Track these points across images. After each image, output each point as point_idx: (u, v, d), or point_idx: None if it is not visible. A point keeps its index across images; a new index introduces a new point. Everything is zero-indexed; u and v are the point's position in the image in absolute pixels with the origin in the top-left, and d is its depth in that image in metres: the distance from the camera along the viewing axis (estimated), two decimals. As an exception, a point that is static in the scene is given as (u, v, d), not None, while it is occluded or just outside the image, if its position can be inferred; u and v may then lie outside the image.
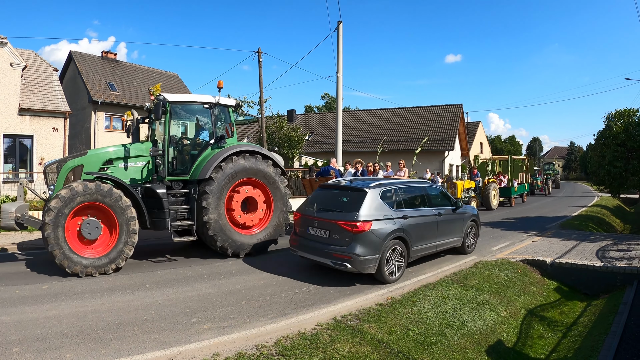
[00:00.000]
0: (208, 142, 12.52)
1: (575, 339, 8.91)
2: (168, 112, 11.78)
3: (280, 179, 12.91)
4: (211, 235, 11.66)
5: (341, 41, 26.89)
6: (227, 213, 12.03)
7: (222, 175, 11.79)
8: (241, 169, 12.11)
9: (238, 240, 12.10)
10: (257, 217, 12.60)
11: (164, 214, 11.20)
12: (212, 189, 11.61)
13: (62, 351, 6.02)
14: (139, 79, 42.95)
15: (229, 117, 12.96)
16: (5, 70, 24.51)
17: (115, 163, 11.52)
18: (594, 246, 14.94)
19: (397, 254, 10.21)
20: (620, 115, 24.08)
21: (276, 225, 12.91)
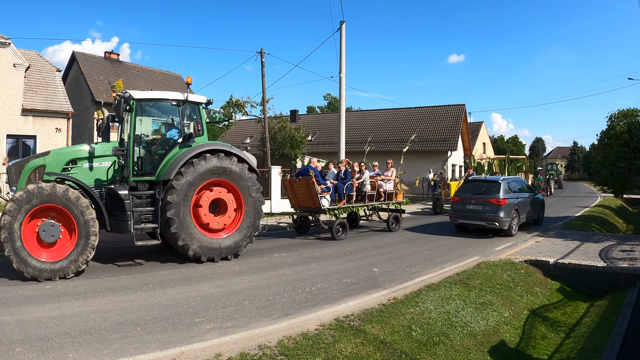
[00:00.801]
0: (176, 141, 12.00)
1: (578, 339, 8.90)
2: (134, 110, 11.33)
3: (252, 181, 12.26)
4: (173, 233, 11.05)
5: (344, 41, 26.88)
6: (194, 214, 11.45)
7: (188, 175, 11.21)
8: (209, 169, 11.51)
9: (203, 243, 11.48)
10: (226, 221, 11.95)
11: (126, 217, 10.72)
12: (176, 190, 11.04)
13: (65, 351, 6.02)
14: (141, 80, 42.98)
15: (199, 115, 12.40)
16: (8, 70, 24.56)
17: (79, 163, 11.06)
18: (597, 246, 14.92)
19: (516, 219, 17.59)
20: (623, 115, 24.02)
21: (247, 230, 12.20)
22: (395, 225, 18.44)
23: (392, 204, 18.69)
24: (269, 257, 12.70)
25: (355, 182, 16.94)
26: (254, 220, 12.29)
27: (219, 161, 11.66)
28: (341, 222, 16.25)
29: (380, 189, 18.10)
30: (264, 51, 27.99)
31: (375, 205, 18.13)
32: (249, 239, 12.31)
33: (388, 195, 18.26)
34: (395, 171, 19.07)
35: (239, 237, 12.11)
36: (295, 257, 12.77)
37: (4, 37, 24.66)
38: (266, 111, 29.46)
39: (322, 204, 15.69)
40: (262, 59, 28.13)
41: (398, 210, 19.17)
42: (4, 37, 24.66)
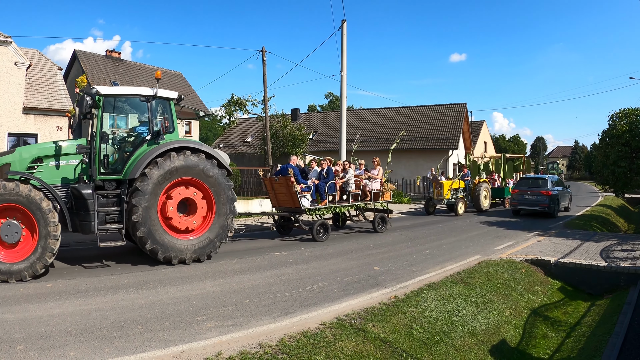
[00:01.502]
0: (144, 138, 11.48)
1: (578, 338, 8.90)
2: (100, 106, 10.90)
3: (224, 180, 11.82)
4: (140, 237, 10.65)
5: (345, 40, 26.87)
6: (161, 215, 11.03)
7: (154, 174, 10.74)
8: (177, 168, 11.05)
9: (171, 245, 11.00)
10: (196, 221, 11.53)
11: (90, 217, 10.31)
12: (142, 189, 10.60)
13: (66, 349, 6.03)
14: (143, 78, 43.03)
15: (169, 111, 11.93)
16: (9, 69, 24.55)
17: (45, 161, 10.61)
18: (598, 246, 14.92)
19: (556, 205, 24.19)
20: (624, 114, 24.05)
21: (218, 231, 11.75)
22: (382, 226, 17.79)
23: (378, 204, 18.12)
24: (270, 255, 12.71)
25: (338, 181, 16.39)
26: (226, 221, 11.86)
27: (187, 159, 11.23)
28: (322, 222, 15.59)
29: (366, 188, 17.57)
30: (265, 50, 27.98)
31: (360, 205, 17.53)
32: (222, 239, 11.91)
33: (374, 194, 17.71)
34: (382, 170, 18.42)
35: (210, 238, 11.65)
36: (296, 255, 12.78)
37: (5, 36, 24.66)
38: (267, 110, 29.45)
39: (302, 204, 15.19)
40: (264, 58, 28.12)
41: (385, 211, 18.43)
42: (5, 36, 24.66)
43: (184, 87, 46.34)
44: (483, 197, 27.20)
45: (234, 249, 13.62)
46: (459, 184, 26.82)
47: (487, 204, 27.72)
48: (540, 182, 24.93)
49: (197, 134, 45.55)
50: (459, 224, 20.71)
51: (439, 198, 25.90)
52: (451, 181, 26.50)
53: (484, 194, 27.31)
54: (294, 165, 15.62)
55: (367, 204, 17.75)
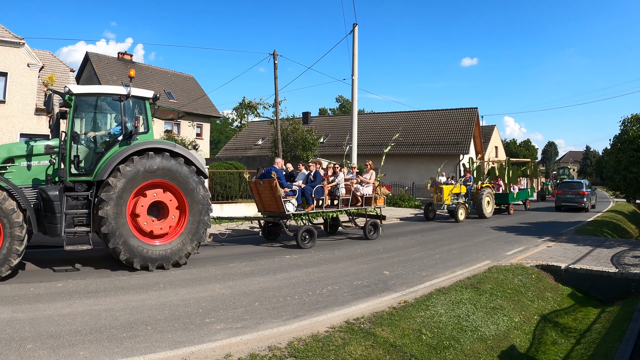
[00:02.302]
0: (116, 138, 11.08)
1: (588, 345, 8.84)
2: (72, 105, 10.62)
3: (198, 182, 11.33)
4: (106, 239, 10.28)
5: (356, 44, 26.92)
6: (131, 219, 10.64)
7: (123, 176, 10.33)
8: (147, 170, 10.60)
9: (141, 250, 10.54)
10: (167, 226, 11.05)
11: (56, 219, 9.93)
12: (110, 191, 10.18)
13: (75, 349, 6.05)
14: (155, 81, 43.29)
15: (144, 111, 11.52)
16: (22, 70, 24.76)
17: (17, 161, 10.29)
18: (609, 252, 14.83)
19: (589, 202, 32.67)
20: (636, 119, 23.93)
21: (191, 236, 11.24)
22: (373, 233, 16.91)
23: (370, 210, 17.25)
24: (279, 258, 12.71)
25: (326, 185, 15.62)
26: (199, 225, 11.37)
27: (158, 161, 10.77)
28: (308, 228, 14.73)
29: (357, 193, 16.62)
30: (276, 53, 28.05)
31: (351, 211, 16.85)
32: (195, 245, 11.40)
33: (366, 199, 16.77)
34: (375, 173, 17.68)
35: (182, 244, 11.15)
36: (306, 258, 12.78)
37: (18, 37, 24.86)
38: (278, 113, 29.54)
39: (286, 209, 14.43)
40: (275, 61, 28.19)
41: (378, 216, 17.55)
42: (18, 37, 24.86)
43: (196, 89, 46.58)
44: (486, 202, 26.17)
45: (243, 252, 13.66)
46: (460, 189, 25.79)
47: (489, 210, 26.60)
48: (577, 185, 33.26)
49: (208, 137, 45.70)
50: (469, 229, 20.64)
51: (438, 203, 24.89)
52: (452, 186, 25.45)
53: (486, 200, 26.30)
54: (278, 168, 14.88)
55: (358, 210, 16.98)
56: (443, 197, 24.49)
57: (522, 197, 32.38)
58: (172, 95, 42.60)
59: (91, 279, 9.76)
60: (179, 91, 44.11)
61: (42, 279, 9.56)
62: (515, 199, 30.90)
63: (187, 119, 42.61)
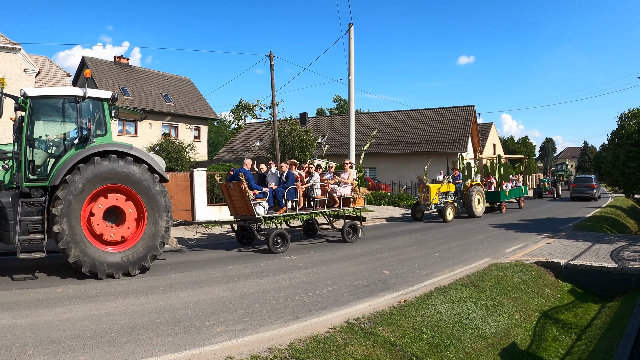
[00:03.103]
0: (72, 141, 10.68)
1: (589, 341, 8.86)
2: (27, 108, 10.25)
3: (157, 187, 10.83)
4: (62, 249, 9.80)
5: (352, 44, 26.91)
6: (86, 225, 10.18)
7: (77, 180, 9.89)
8: (102, 173, 10.16)
9: (96, 258, 10.05)
10: (124, 232, 10.57)
11: (9, 226, 9.58)
12: (63, 197, 9.75)
13: (76, 354, 6.05)
14: (151, 84, 43.27)
15: (102, 112, 11.11)
16: (18, 76, 24.74)
17: None
18: (609, 247, 14.85)
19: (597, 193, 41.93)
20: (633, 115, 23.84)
21: (150, 241, 10.71)
22: (352, 236, 16.09)
23: (348, 211, 16.40)
24: (279, 259, 12.71)
25: (299, 186, 14.85)
26: (159, 231, 10.82)
27: (112, 164, 10.30)
28: (280, 232, 13.97)
29: (334, 194, 15.72)
30: (273, 54, 28.02)
31: (327, 213, 15.99)
32: (155, 251, 10.81)
33: (344, 200, 15.87)
34: (354, 173, 16.73)
35: (142, 250, 10.62)
36: (305, 259, 12.78)
37: (14, 43, 24.85)
38: (276, 114, 29.48)
39: (256, 212, 13.75)
40: (271, 62, 28.15)
41: (357, 218, 16.91)
42: (14, 43, 24.85)
43: (193, 92, 46.56)
44: (476, 201, 25.19)
45: (244, 255, 13.65)
46: (448, 187, 24.55)
47: (480, 209, 25.58)
48: (588, 179, 42.86)
49: (205, 139, 45.69)
50: (467, 227, 20.64)
51: (426, 203, 23.60)
52: (439, 185, 24.19)
53: (476, 198, 25.29)
54: (246, 170, 14.17)
55: (335, 211, 16.13)
56: (430, 196, 23.35)
57: (515, 195, 31.23)
58: (169, 98, 42.58)
59: (91, 284, 9.75)
60: (176, 94, 44.09)
61: (41, 285, 9.55)
62: (508, 196, 29.72)
63: (185, 121, 42.63)
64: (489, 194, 27.67)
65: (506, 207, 29.83)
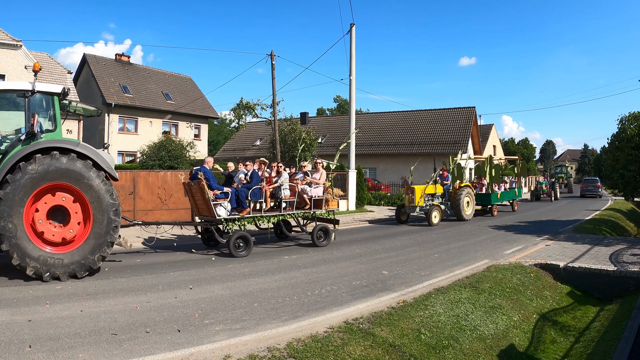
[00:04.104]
0: (19, 137, 10.21)
1: (587, 343, 8.85)
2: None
3: (103, 185, 10.28)
4: (5, 250, 9.45)
5: (354, 44, 26.95)
6: (29, 225, 9.77)
7: (20, 178, 9.53)
8: (46, 171, 9.73)
9: (40, 259, 9.63)
10: (65, 233, 10.04)
11: None
12: (4, 196, 9.40)
13: (74, 351, 6.05)
14: (152, 82, 43.28)
15: (52, 107, 10.64)
16: (19, 72, 24.76)
17: None
18: (608, 250, 14.83)
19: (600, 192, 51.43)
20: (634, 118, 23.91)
21: (96, 242, 10.17)
22: (323, 240, 15.15)
23: (320, 213, 15.66)
24: (278, 259, 12.72)
25: (265, 186, 14.18)
26: (106, 231, 10.27)
27: (54, 161, 9.84)
28: (241, 235, 13.17)
29: (304, 195, 14.97)
30: (274, 54, 28.10)
31: (296, 215, 15.00)
32: (102, 252, 10.25)
33: (315, 202, 15.15)
34: (326, 173, 15.81)
35: (88, 251, 10.09)
36: (304, 259, 12.78)
37: (15, 40, 24.86)
38: (276, 113, 29.54)
39: (217, 213, 13.00)
40: (272, 62, 28.22)
41: (329, 220, 16.12)
42: (15, 40, 24.86)
43: (194, 90, 46.55)
44: (465, 203, 23.92)
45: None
46: (434, 188, 23.54)
47: (469, 212, 24.32)
48: (594, 181, 52.05)
49: (206, 138, 45.69)
50: (467, 228, 20.63)
51: (410, 205, 22.56)
52: (424, 186, 23.14)
53: (465, 201, 24.00)
54: (207, 169, 13.48)
55: (305, 213, 15.27)
56: (415, 198, 22.25)
57: (507, 198, 29.85)
58: (169, 97, 42.58)
59: (90, 281, 9.75)
60: (177, 92, 44.08)
61: (40, 282, 9.54)
62: (500, 199, 28.43)
63: (185, 119, 42.63)
64: (479, 196, 26.89)
65: (498, 210, 28.72)
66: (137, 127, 39.08)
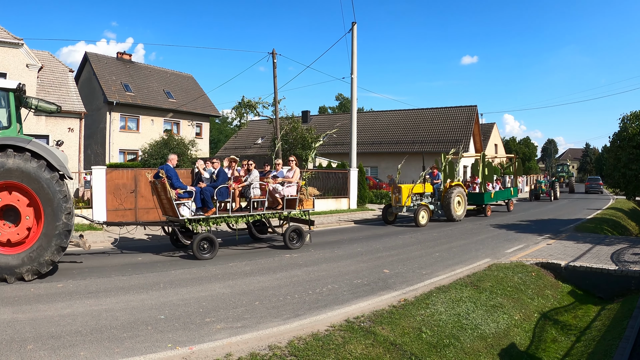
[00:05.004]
0: None
1: (588, 343, 8.85)
2: None
3: (54, 184, 9.77)
4: None
5: (355, 42, 26.95)
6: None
7: None
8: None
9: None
10: (20, 233, 9.65)
11: None
12: None
13: (76, 349, 6.06)
14: (153, 80, 43.27)
15: (7, 103, 10.33)
16: (21, 71, 24.75)
17: None
18: (609, 249, 14.82)
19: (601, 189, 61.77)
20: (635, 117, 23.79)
21: (46, 244, 9.65)
22: (296, 242, 14.32)
23: (293, 213, 14.75)
24: (279, 257, 12.72)
25: (232, 185, 13.42)
26: (57, 235, 9.74)
27: (7, 159, 9.45)
28: (205, 237, 12.49)
29: (276, 194, 14.18)
30: (275, 52, 28.05)
31: (268, 215, 14.13)
32: (51, 255, 9.71)
33: (288, 202, 14.31)
34: (300, 171, 14.99)
35: (37, 253, 9.60)
36: (306, 257, 12.79)
37: (17, 38, 24.85)
38: (278, 112, 29.51)
39: (180, 213, 12.38)
40: (274, 60, 28.18)
41: (304, 221, 15.40)
42: (17, 38, 24.85)
43: (195, 89, 46.53)
44: (456, 203, 22.92)
45: (245, 252, 13.63)
46: (423, 188, 22.53)
47: (460, 212, 23.26)
48: (597, 179, 62.08)
49: (207, 136, 45.68)
50: (468, 227, 20.62)
51: (397, 205, 21.48)
52: (412, 185, 22.20)
53: (456, 200, 23.00)
54: (170, 167, 12.81)
55: (276, 214, 14.46)
56: (402, 197, 21.22)
57: (502, 197, 28.82)
58: (171, 95, 42.56)
59: (91, 279, 9.77)
60: (178, 91, 44.06)
61: (42, 280, 9.57)
62: (494, 199, 27.45)
63: (187, 118, 42.62)
64: (471, 195, 26.14)
65: (492, 210, 28.02)
66: (139, 126, 39.06)
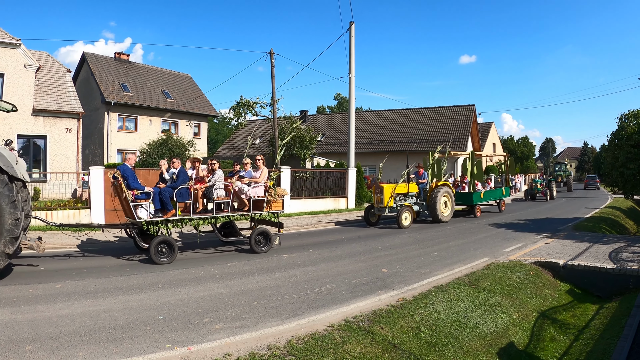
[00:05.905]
0: None
1: (587, 341, 8.86)
2: None
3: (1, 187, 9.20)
4: None
5: (353, 42, 26.94)
6: None
7: None
8: None
9: None
10: None
11: None
12: None
13: (74, 350, 6.06)
14: (151, 80, 43.24)
15: None
16: (19, 71, 24.72)
17: None
18: (607, 248, 14.83)
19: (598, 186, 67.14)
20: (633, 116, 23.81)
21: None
22: (263, 246, 13.58)
23: (260, 215, 13.82)
24: (278, 257, 12.72)
25: (193, 186, 12.58)
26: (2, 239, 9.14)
27: None
28: (164, 240, 11.88)
29: (242, 195, 13.49)
30: (273, 52, 28.00)
31: (232, 217, 13.51)
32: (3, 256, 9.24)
33: (255, 203, 13.59)
34: (267, 171, 14.17)
35: None
36: (304, 257, 12.79)
37: (14, 38, 24.82)
38: (276, 111, 29.48)
39: (137, 215, 11.79)
40: (272, 60, 28.14)
41: (272, 223, 14.46)
42: (14, 38, 24.82)
43: (193, 89, 46.50)
44: (442, 204, 21.81)
45: (243, 252, 13.63)
46: (407, 187, 21.28)
47: (447, 212, 22.13)
48: (594, 178, 69.03)
49: (205, 136, 45.67)
50: (467, 226, 20.62)
51: (379, 206, 20.37)
52: (394, 185, 20.96)
53: (442, 201, 21.88)
54: (127, 166, 12.20)
55: (242, 216, 13.69)
56: (384, 198, 20.13)
57: (492, 197, 27.80)
58: (169, 95, 42.54)
59: (89, 280, 9.76)
60: (176, 90, 44.03)
61: (40, 280, 9.56)
62: (483, 199, 26.42)
63: (185, 118, 42.59)
64: (460, 195, 25.44)
65: (482, 211, 27.12)
66: (137, 126, 39.03)
